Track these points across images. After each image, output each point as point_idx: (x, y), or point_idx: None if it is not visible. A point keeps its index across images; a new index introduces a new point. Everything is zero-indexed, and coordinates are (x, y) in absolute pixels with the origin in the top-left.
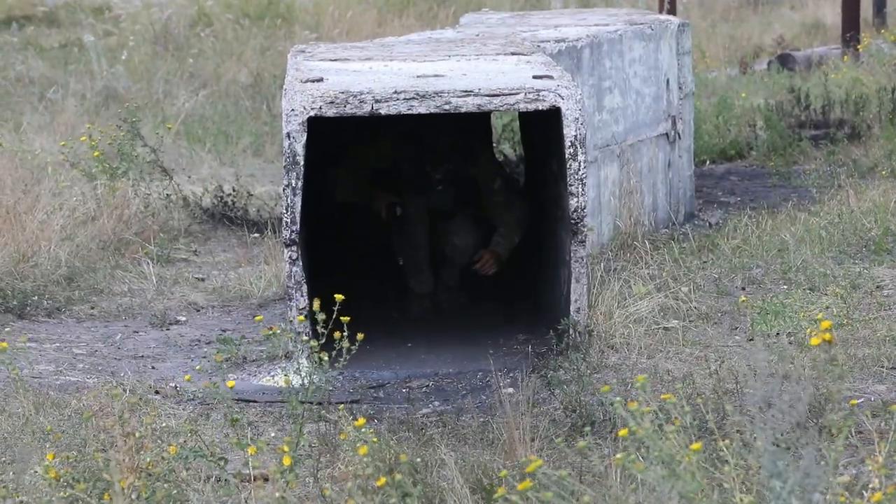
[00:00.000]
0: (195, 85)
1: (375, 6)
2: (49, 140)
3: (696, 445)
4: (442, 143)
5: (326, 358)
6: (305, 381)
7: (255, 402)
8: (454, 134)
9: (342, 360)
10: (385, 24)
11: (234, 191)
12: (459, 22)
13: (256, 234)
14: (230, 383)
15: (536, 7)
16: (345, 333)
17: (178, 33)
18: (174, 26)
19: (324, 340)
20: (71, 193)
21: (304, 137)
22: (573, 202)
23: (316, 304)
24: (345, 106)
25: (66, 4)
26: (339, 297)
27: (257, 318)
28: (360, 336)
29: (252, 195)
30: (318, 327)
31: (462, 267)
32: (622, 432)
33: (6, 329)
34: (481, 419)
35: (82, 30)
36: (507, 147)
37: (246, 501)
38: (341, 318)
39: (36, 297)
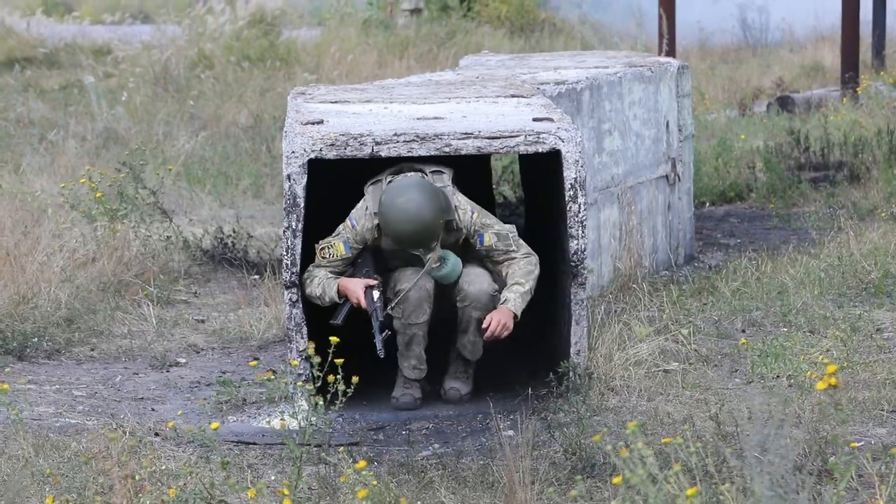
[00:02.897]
0: (195, 126)
1: (375, 48)
2: (49, 182)
3: (691, 490)
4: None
5: (322, 402)
6: (304, 424)
7: (254, 444)
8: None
9: (338, 402)
10: (385, 66)
11: (234, 232)
12: (459, 64)
13: (256, 276)
14: (214, 425)
15: (535, 49)
16: (339, 376)
17: (179, 75)
18: (174, 68)
19: (320, 384)
20: (71, 235)
21: (305, 179)
22: (573, 244)
23: (311, 347)
24: (345, 148)
25: (67, 46)
26: (333, 339)
27: (251, 363)
28: (354, 379)
29: (252, 236)
30: (315, 370)
31: (478, 327)
32: (616, 480)
33: (6, 370)
34: (481, 462)
35: (82, 71)
36: (507, 189)
37: None
38: (335, 360)
39: (36, 339)
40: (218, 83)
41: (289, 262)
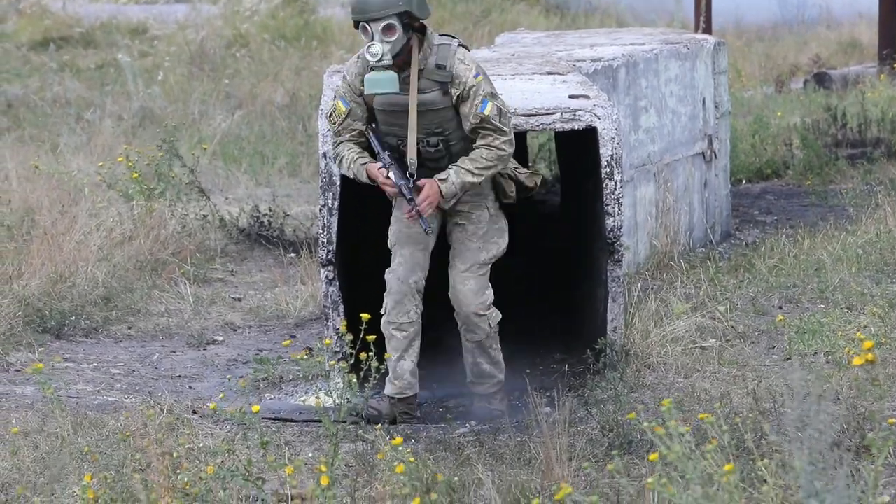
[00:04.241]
0: (231, 105)
1: None
2: (86, 161)
3: (728, 466)
4: None
5: (355, 379)
6: (339, 401)
7: (292, 421)
8: None
9: (372, 380)
10: None
11: (270, 211)
12: (495, 42)
13: (293, 254)
14: (256, 407)
15: (571, 27)
16: (372, 353)
17: (214, 54)
18: (210, 47)
19: (353, 360)
20: (108, 214)
21: None
22: (609, 222)
23: (343, 325)
24: None
25: (103, 25)
26: (364, 316)
27: (286, 342)
28: (387, 356)
29: (288, 215)
30: (348, 348)
31: (475, 349)
32: (652, 457)
33: (44, 349)
34: (518, 439)
35: (118, 51)
36: (543, 166)
37: None
38: (367, 337)
39: (74, 318)
40: (253, 62)
41: (325, 241)
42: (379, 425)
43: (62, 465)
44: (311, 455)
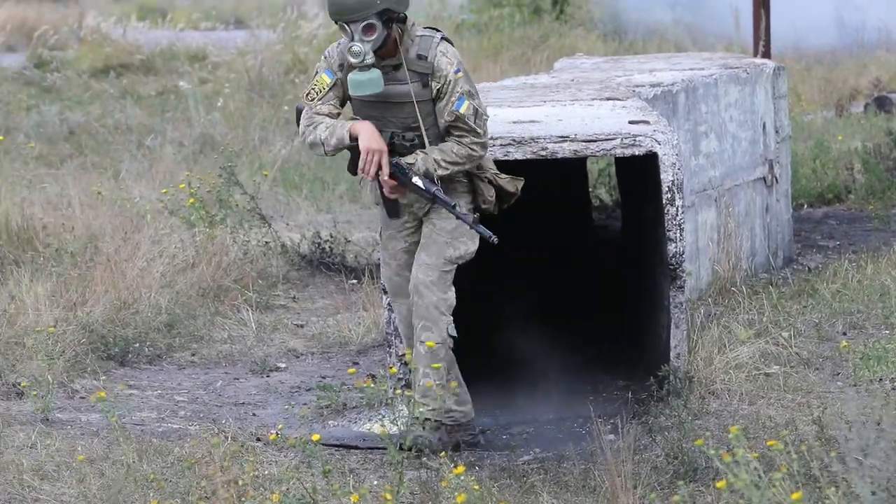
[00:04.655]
0: (290, 131)
1: (469, 51)
2: (147, 187)
3: (796, 495)
4: None
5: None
6: (404, 429)
7: (355, 448)
8: None
9: None
10: (479, 70)
11: (331, 237)
12: (554, 67)
13: (354, 281)
14: (316, 437)
15: (629, 52)
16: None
17: (273, 80)
18: (269, 73)
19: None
20: (170, 241)
21: None
22: (671, 247)
23: (408, 352)
24: None
25: (163, 52)
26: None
27: (350, 370)
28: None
29: (349, 241)
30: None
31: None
32: (720, 484)
33: (108, 376)
34: (582, 466)
35: (179, 77)
36: (603, 192)
37: None
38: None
39: (137, 345)
40: None
41: None
42: (444, 452)
43: (128, 492)
44: (375, 483)
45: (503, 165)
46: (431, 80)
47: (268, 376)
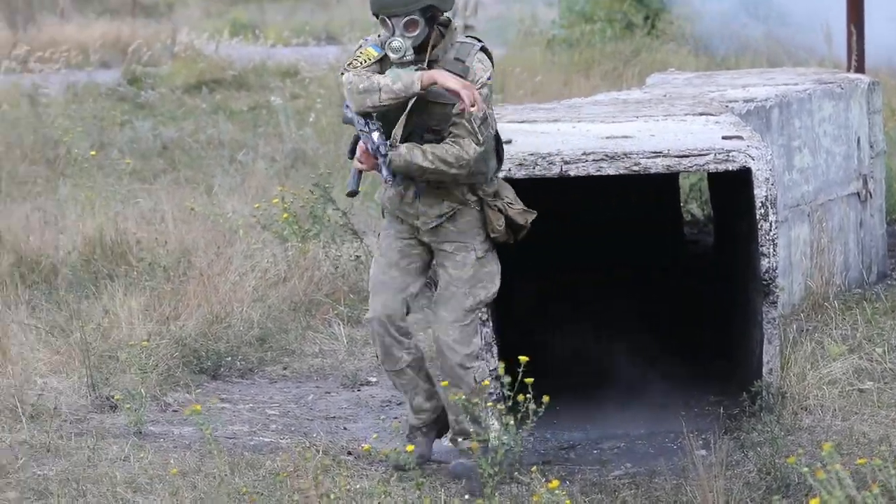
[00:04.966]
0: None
1: (560, 66)
2: (240, 202)
3: None
4: None
5: (512, 421)
6: (495, 443)
7: (446, 463)
8: None
9: (529, 422)
10: (571, 84)
11: None
12: (646, 82)
13: None
14: (410, 447)
15: (721, 67)
16: (530, 395)
17: None
18: None
19: (511, 402)
20: (262, 255)
21: None
22: (764, 263)
23: (501, 367)
24: (533, 167)
25: (255, 68)
26: (523, 358)
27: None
28: (545, 399)
29: None
30: (505, 390)
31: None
32: (813, 502)
33: (201, 390)
34: (674, 482)
35: (271, 93)
36: (695, 207)
37: None
38: (525, 380)
39: (229, 358)
40: None
41: None
42: (535, 467)
43: None
44: (466, 497)
45: (595, 180)
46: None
47: (359, 390)
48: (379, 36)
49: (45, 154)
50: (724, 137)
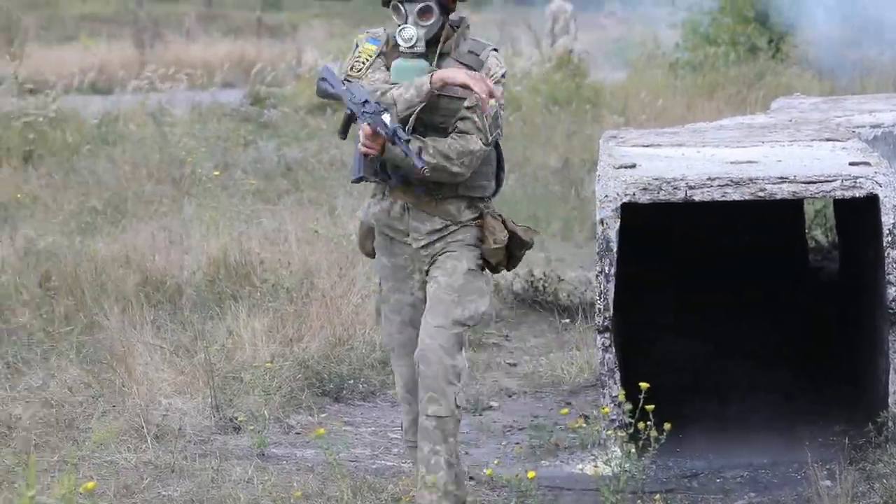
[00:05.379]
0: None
1: (683, 90)
2: None
3: None
4: None
5: (634, 449)
6: (617, 471)
7: (568, 489)
8: None
9: (651, 449)
10: (693, 108)
11: (544, 276)
12: (771, 107)
13: (567, 320)
14: (531, 473)
15: (846, 91)
16: (650, 423)
17: None
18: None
19: (632, 430)
20: None
21: (618, 224)
22: (891, 291)
23: (622, 393)
24: (658, 192)
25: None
26: (643, 385)
27: (563, 410)
28: (667, 426)
29: (562, 280)
30: (627, 417)
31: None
32: None
33: (324, 413)
34: None
35: None
36: (819, 233)
37: None
38: (646, 407)
39: (352, 381)
40: (526, 125)
41: (601, 307)
42: (658, 495)
43: None
44: None
45: (720, 205)
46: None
47: (480, 415)
48: (385, 30)
49: (171, 174)
50: (850, 164)
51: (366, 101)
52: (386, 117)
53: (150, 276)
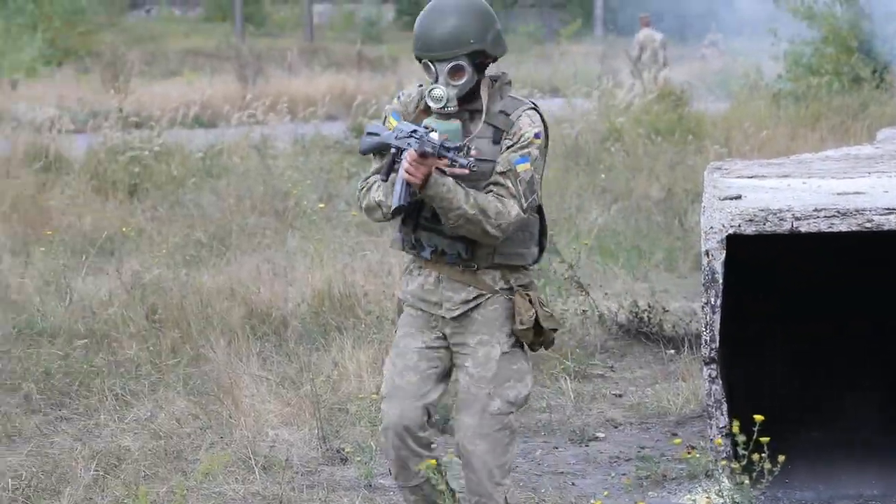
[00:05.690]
0: (607, 200)
1: (786, 120)
2: None
3: None
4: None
5: (747, 480)
6: (727, 502)
7: None
8: None
9: (763, 481)
10: (797, 138)
11: (648, 306)
12: (876, 137)
13: (672, 351)
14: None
15: None
16: (765, 455)
17: (588, 148)
18: (584, 141)
19: (745, 461)
20: None
21: (723, 255)
22: None
23: (735, 425)
24: (764, 224)
25: None
26: (758, 417)
27: (676, 440)
28: (780, 458)
29: (667, 311)
30: (738, 447)
31: None
32: None
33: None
34: None
35: None
36: None
37: None
38: (760, 439)
39: None
40: (628, 156)
41: (708, 338)
42: None
43: None
44: None
45: (827, 238)
46: (505, 138)
47: (587, 445)
48: (420, 86)
49: (274, 206)
50: None
51: (414, 130)
52: (434, 136)
53: (255, 308)
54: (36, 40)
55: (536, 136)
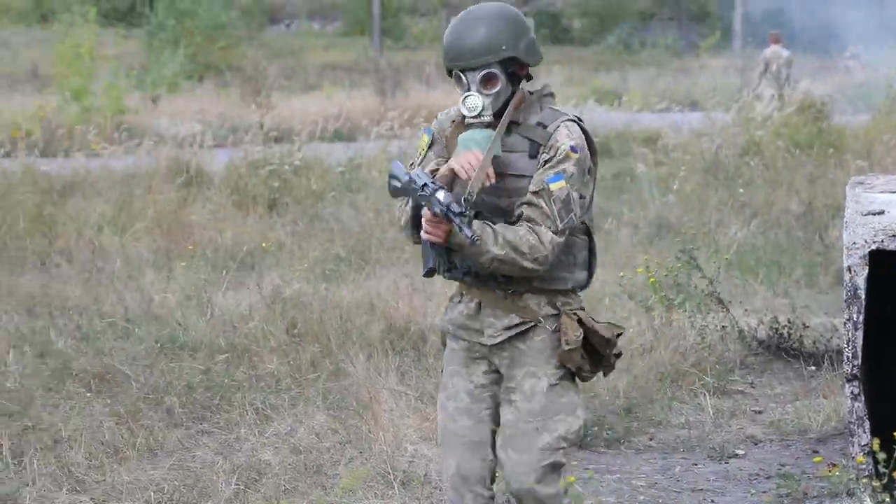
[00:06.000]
0: (746, 215)
1: None
2: (604, 271)
3: None
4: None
5: (888, 498)
6: None
7: None
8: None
9: None
10: None
11: (789, 322)
12: None
13: (813, 367)
14: None
15: None
16: None
17: (728, 162)
18: (724, 155)
19: (885, 480)
20: (628, 324)
21: (866, 271)
22: None
23: (875, 443)
24: None
25: (618, 135)
26: None
27: (816, 459)
28: None
29: (807, 327)
30: (879, 465)
31: None
32: None
33: (576, 463)
34: None
35: (633, 160)
36: None
37: None
38: None
39: (596, 428)
40: (767, 170)
41: (850, 355)
42: None
43: None
44: None
45: None
46: (542, 152)
47: (726, 463)
48: (435, 119)
49: None
50: None
51: (425, 185)
52: (440, 194)
53: (394, 322)
54: (178, 56)
55: (573, 149)
